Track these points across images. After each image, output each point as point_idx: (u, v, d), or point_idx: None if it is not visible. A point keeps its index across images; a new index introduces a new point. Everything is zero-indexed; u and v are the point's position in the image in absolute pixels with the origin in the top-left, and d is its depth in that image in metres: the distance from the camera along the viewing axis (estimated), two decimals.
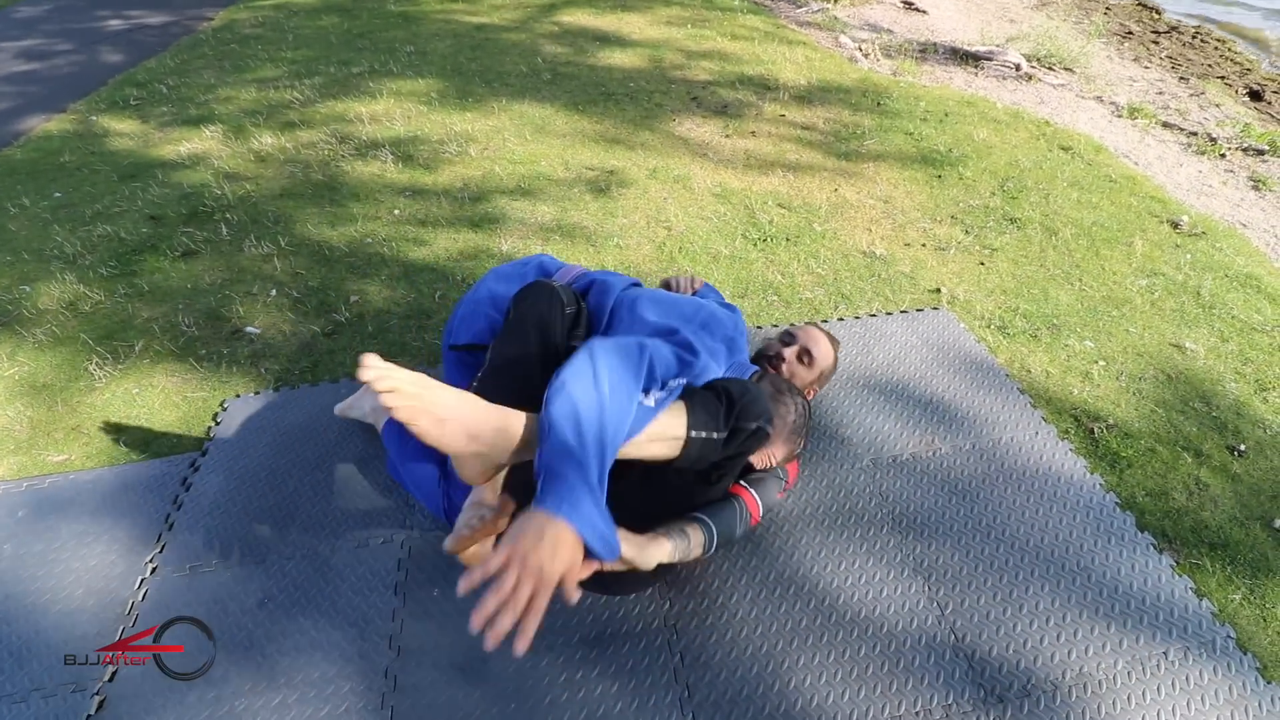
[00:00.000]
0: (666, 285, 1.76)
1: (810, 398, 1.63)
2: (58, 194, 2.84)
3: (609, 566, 1.01)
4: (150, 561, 1.45)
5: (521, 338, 1.23)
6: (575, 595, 0.84)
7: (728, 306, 1.58)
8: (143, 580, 1.42)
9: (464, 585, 0.78)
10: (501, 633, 0.76)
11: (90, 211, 2.69)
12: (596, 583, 1.15)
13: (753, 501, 1.36)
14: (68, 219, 2.65)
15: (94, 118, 3.55)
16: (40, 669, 1.28)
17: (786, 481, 1.46)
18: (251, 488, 1.60)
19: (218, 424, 1.77)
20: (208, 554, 1.46)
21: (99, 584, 1.41)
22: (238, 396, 1.86)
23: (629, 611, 1.36)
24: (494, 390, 1.08)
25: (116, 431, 1.77)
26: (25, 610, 1.37)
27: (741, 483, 1.37)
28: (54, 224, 2.62)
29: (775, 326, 2.10)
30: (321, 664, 1.28)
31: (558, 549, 0.81)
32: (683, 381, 1.11)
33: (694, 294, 1.71)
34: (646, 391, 1.02)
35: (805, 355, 1.62)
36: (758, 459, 1.37)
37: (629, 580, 1.25)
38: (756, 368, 1.49)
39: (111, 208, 2.72)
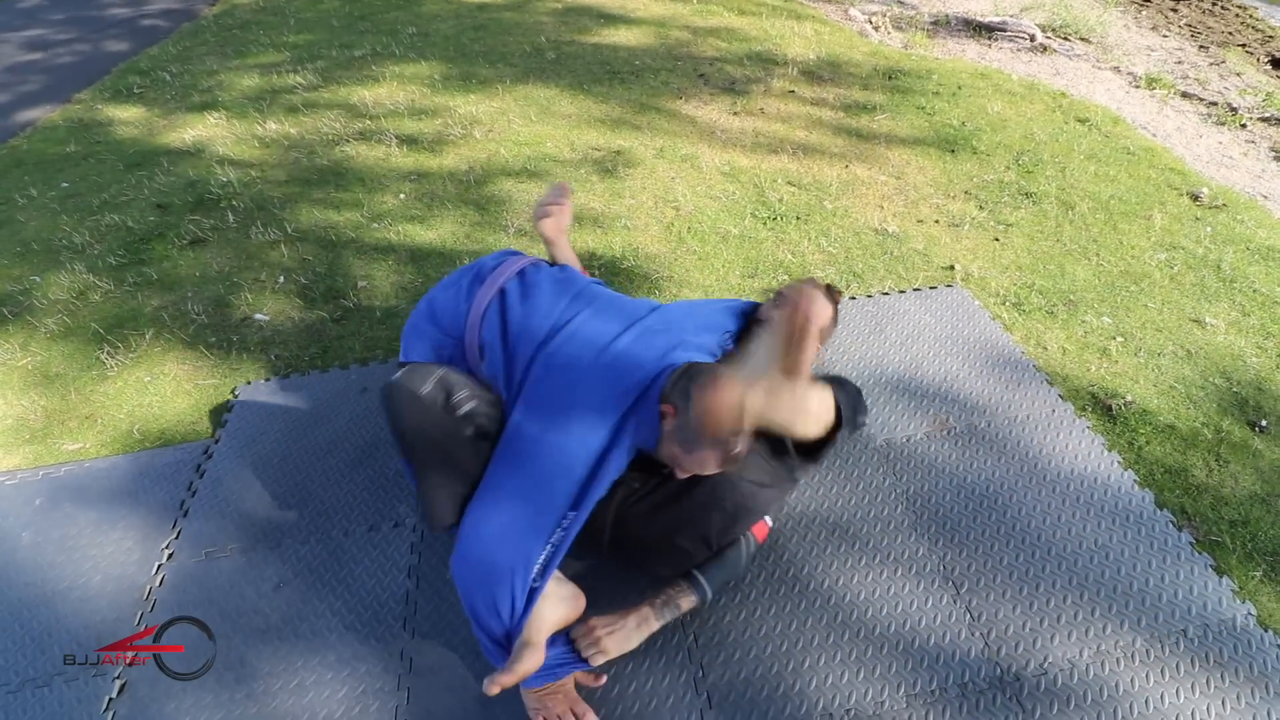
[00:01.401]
0: None
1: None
2: (65, 184, 2.84)
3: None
4: (166, 548, 1.46)
5: (423, 457, 1.21)
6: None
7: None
8: (160, 566, 1.43)
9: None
10: None
11: (97, 201, 2.69)
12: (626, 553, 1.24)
13: (761, 526, 1.32)
14: (75, 209, 2.65)
15: (98, 107, 3.54)
16: (62, 654, 1.29)
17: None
18: (265, 474, 1.61)
19: (230, 411, 1.77)
20: (224, 539, 1.47)
21: (116, 570, 1.43)
22: (249, 383, 1.86)
23: (643, 594, 1.36)
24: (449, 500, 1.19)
25: (130, 419, 1.78)
26: (45, 596, 1.39)
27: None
28: (62, 214, 2.62)
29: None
30: (338, 646, 1.29)
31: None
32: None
33: None
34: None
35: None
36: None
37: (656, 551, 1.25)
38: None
39: (118, 197, 2.71)
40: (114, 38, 4.64)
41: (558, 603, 1.15)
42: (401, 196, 2.64)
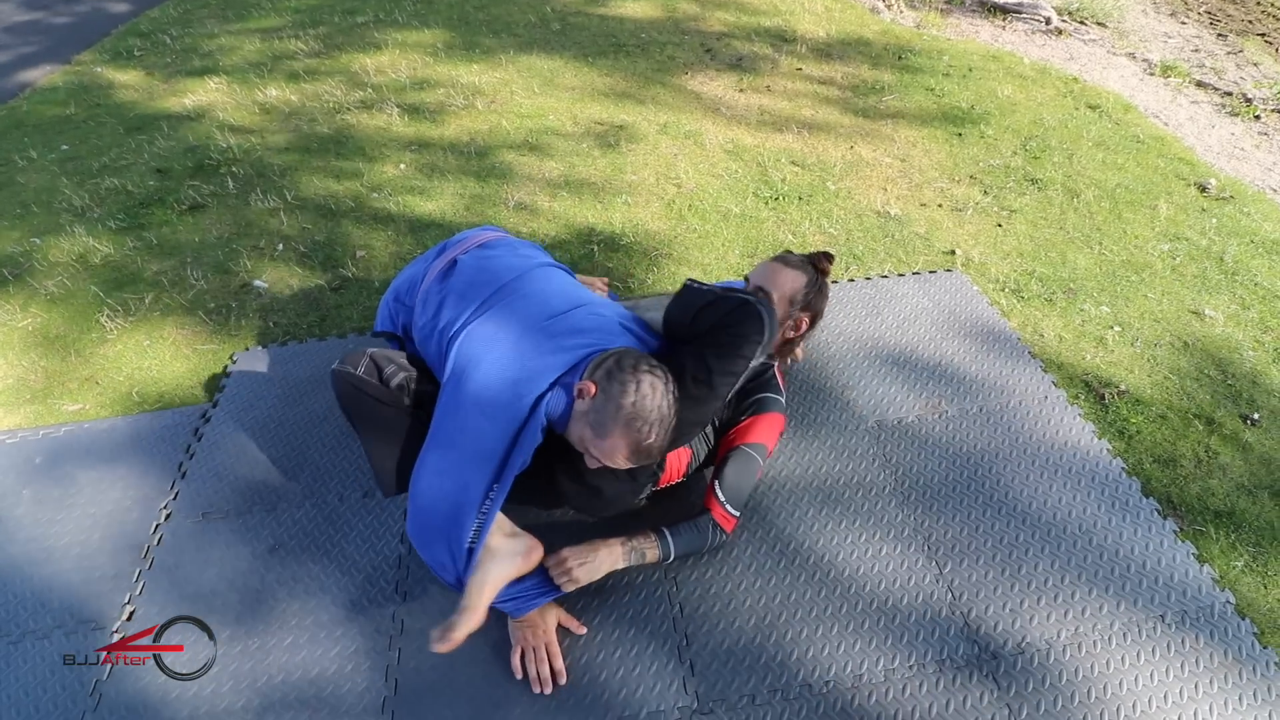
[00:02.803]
0: None
1: (801, 329, 1.48)
2: (65, 146, 2.82)
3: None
4: (164, 508, 1.49)
5: (367, 432, 1.33)
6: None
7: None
8: (158, 526, 1.46)
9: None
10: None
11: (97, 164, 2.68)
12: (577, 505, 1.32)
13: (731, 524, 1.33)
14: (75, 172, 2.64)
15: (98, 69, 3.51)
16: (61, 608, 1.32)
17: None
18: (261, 439, 1.62)
19: (228, 376, 1.79)
20: (220, 502, 1.50)
21: (115, 529, 1.45)
22: (247, 350, 1.87)
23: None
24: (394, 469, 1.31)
25: (129, 382, 1.79)
26: (46, 552, 1.41)
27: (728, 509, 1.32)
28: (62, 177, 2.61)
29: None
30: (330, 608, 1.32)
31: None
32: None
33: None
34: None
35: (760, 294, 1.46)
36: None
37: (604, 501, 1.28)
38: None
39: (118, 160, 2.70)
40: None
41: (505, 561, 1.17)
42: (402, 167, 2.63)
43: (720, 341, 1.22)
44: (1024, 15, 4.12)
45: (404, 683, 1.21)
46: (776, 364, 1.51)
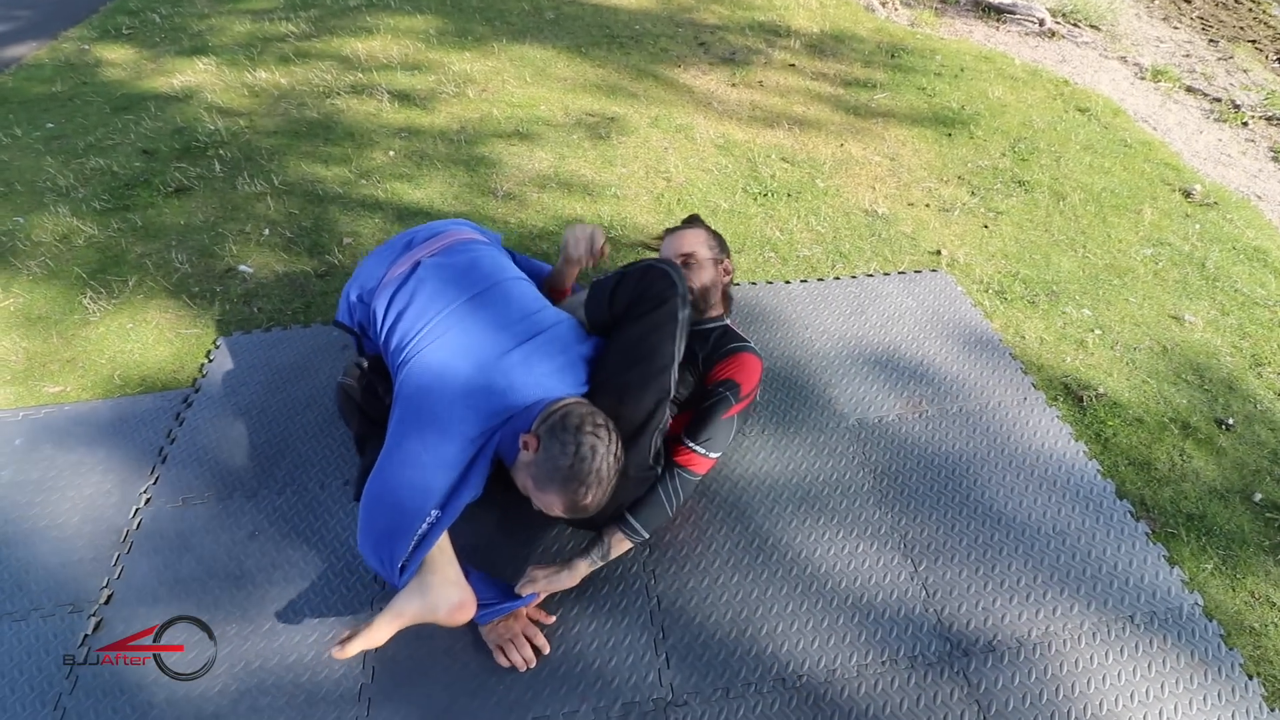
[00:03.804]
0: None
1: (731, 273, 1.61)
2: (50, 125, 2.78)
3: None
4: (144, 492, 1.48)
5: (362, 442, 1.41)
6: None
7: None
8: (137, 510, 1.45)
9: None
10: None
11: (83, 144, 2.65)
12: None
13: (699, 462, 1.33)
14: (60, 150, 2.61)
15: (85, 46, 3.45)
16: (39, 590, 1.32)
17: (735, 405, 1.37)
18: (243, 424, 1.62)
19: (210, 361, 1.78)
20: (200, 487, 1.49)
21: (94, 512, 1.45)
22: (230, 334, 1.86)
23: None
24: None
25: (111, 365, 1.78)
26: (23, 534, 1.41)
27: (686, 443, 1.32)
28: (47, 155, 2.58)
29: (770, 284, 2.09)
30: (309, 594, 1.32)
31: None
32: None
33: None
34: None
35: (684, 259, 1.54)
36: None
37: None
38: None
39: (104, 140, 2.67)
40: None
41: (427, 604, 1.15)
42: (391, 153, 2.61)
43: (642, 311, 1.25)
44: (1018, 16, 4.13)
45: (381, 670, 1.22)
46: (727, 320, 1.56)
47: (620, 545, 1.30)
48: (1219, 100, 3.54)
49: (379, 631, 1.14)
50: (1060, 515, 1.51)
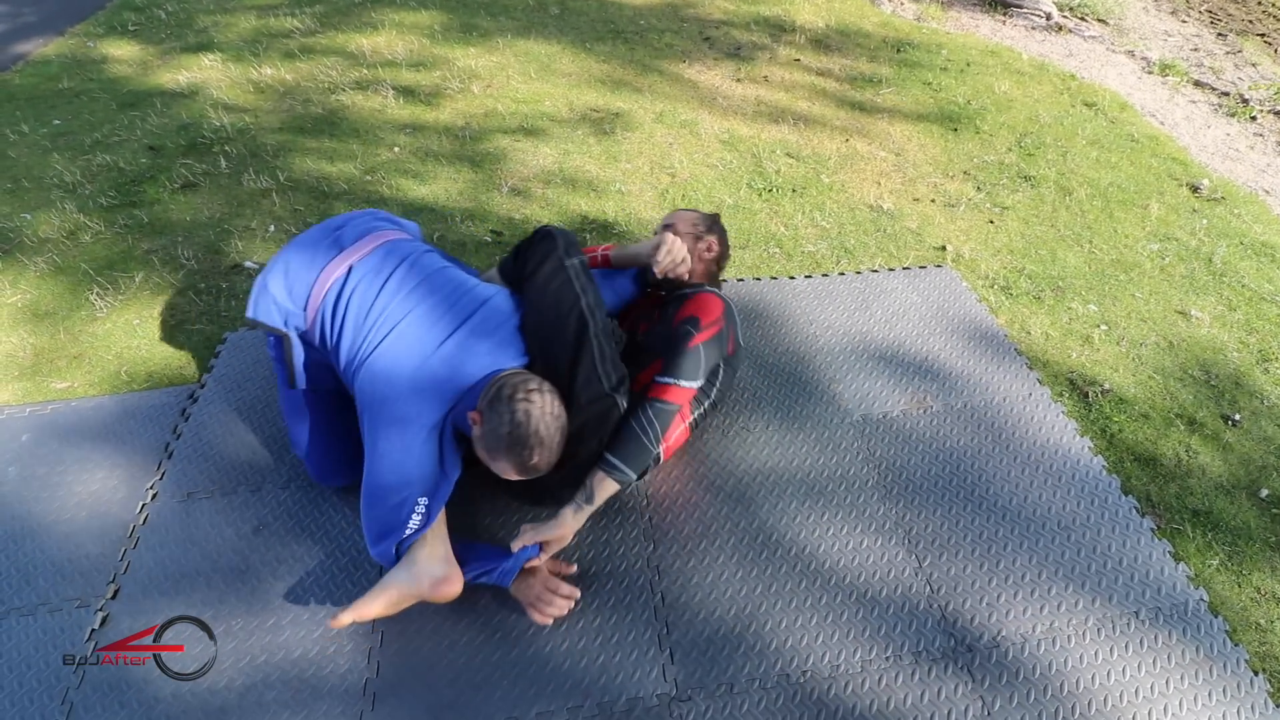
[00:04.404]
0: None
1: (713, 250, 1.66)
2: (57, 121, 2.79)
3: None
4: (150, 488, 1.49)
5: None
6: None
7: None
8: (143, 505, 1.46)
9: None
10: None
11: (89, 140, 2.66)
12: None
13: (671, 392, 1.35)
14: (67, 147, 2.62)
15: (92, 43, 3.46)
16: (47, 585, 1.33)
17: (696, 336, 1.41)
18: (248, 420, 1.63)
19: (217, 357, 1.79)
20: (206, 482, 1.50)
21: (101, 507, 1.46)
22: (236, 330, 1.87)
23: (614, 552, 1.40)
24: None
25: (118, 361, 1.79)
26: (31, 530, 1.42)
27: (657, 379, 1.36)
28: (54, 152, 2.59)
29: (774, 279, 2.08)
30: (314, 589, 1.32)
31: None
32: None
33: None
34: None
35: (666, 229, 1.65)
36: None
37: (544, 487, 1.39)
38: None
39: (111, 136, 2.68)
40: None
41: (415, 579, 1.21)
42: (396, 149, 2.61)
43: (535, 270, 1.38)
44: (1025, 10, 4.10)
45: (385, 665, 1.23)
46: (710, 289, 1.57)
47: (605, 486, 1.31)
48: (1227, 94, 3.51)
49: (369, 605, 1.18)
50: (1065, 511, 1.51)
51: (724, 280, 2.01)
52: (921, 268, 2.15)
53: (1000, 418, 1.70)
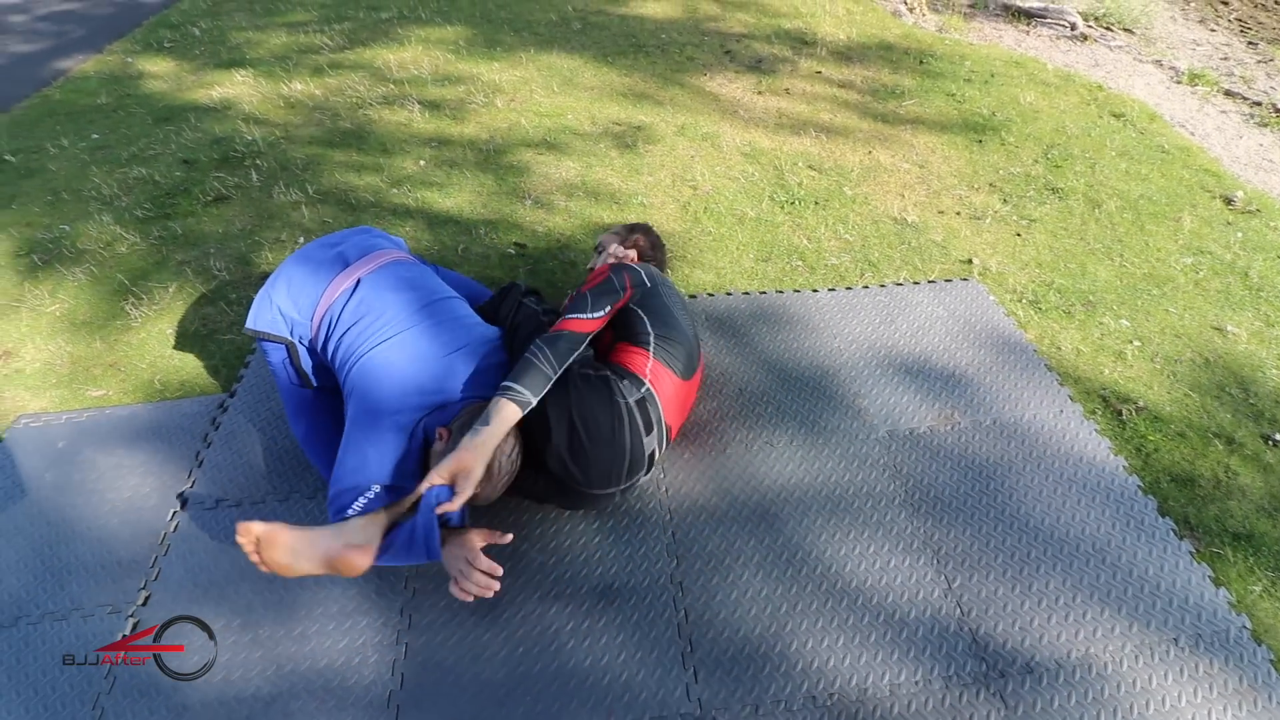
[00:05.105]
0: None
1: (640, 245, 1.80)
2: (95, 135, 2.87)
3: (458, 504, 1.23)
4: (181, 495, 1.51)
5: None
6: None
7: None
8: (174, 513, 1.48)
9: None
10: None
11: (126, 154, 2.73)
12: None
13: (564, 324, 1.39)
14: (105, 160, 2.69)
15: (129, 60, 3.57)
16: (80, 591, 1.35)
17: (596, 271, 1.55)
18: (277, 430, 1.65)
19: (246, 367, 1.82)
20: (235, 490, 1.52)
21: (133, 515, 1.48)
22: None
23: (636, 567, 1.39)
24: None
25: (151, 370, 1.83)
26: (65, 536, 1.44)
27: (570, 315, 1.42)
28: (92, 165, 2.66)
29: (797, 292, 2.07)
30: (341, 599, 1.33)
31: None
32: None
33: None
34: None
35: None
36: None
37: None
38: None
39: (146, 150, 2.75)
40: None
41: (334, 544, 1.20)
42: (421, 163, 2.65)
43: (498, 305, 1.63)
44: (1049, 20, 4.06)
45: (410, 677, 1.23)
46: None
47: (502, 408, 1.26)
48: (1259, 104, 3.43)
49: (283, 532, 1.19)
50: (1100, 532, 1.47)
51: (742, 291, 2.01)
52: (947, 281, 2.13)
53: (1031, 435, 1.67)
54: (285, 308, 1.45)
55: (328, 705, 1.19)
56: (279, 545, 1.17)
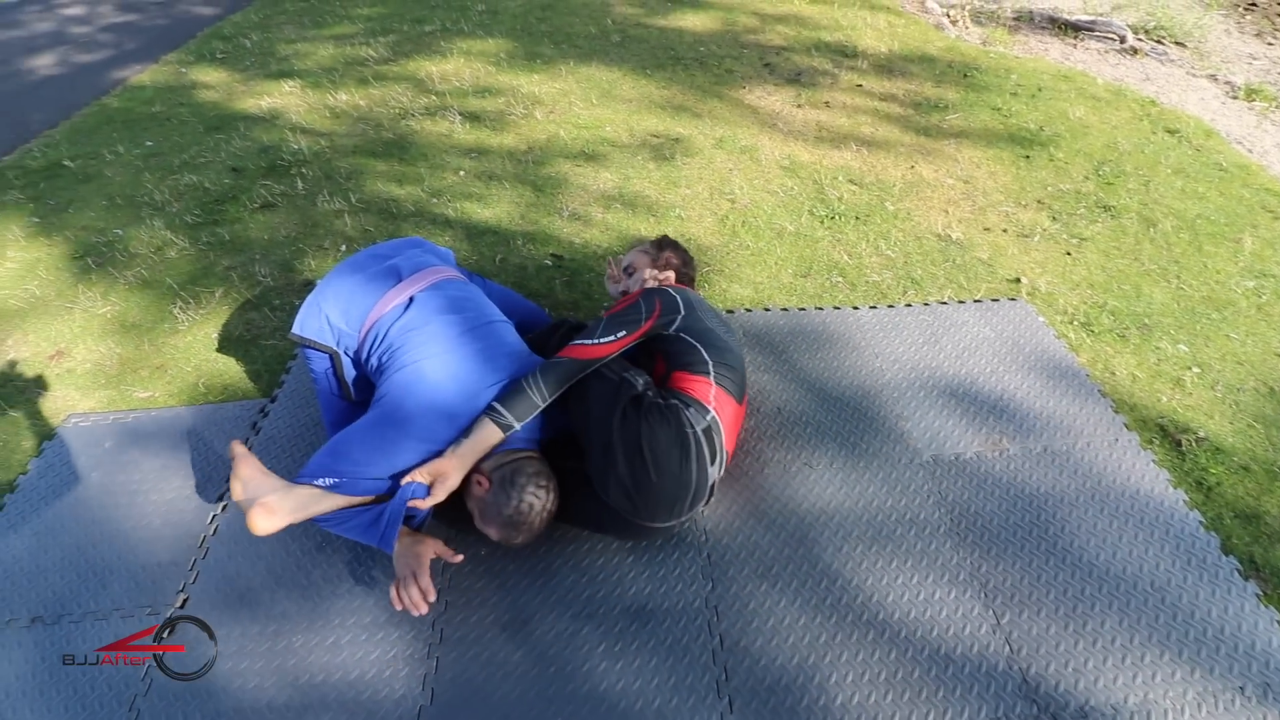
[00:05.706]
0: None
1: (672, 264, 1.75)
2: (149, 143, 2.97)
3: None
4: (222, 499, 1.53)
5: None
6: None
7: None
8: (214, 516, 1.50)
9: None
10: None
11: (178, 161, 2.81)
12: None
13: (571, 350, 1.38)
14: (157, 167, 2.78)
15: (183, 70, 3.69)
16: (121, 591, 1.37)
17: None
18: (316, 436, 1.66)
19: (288, 372, 1.84)
20: None
21: (175, 516, 1.50)
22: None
23: (671, 589, 1.36)
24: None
25: (196, 373, 1.86)
26: (109, 536, 1.47)
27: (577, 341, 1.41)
28: (145, 172, 2.75)
29: (837, 309, 2.03)
30: (374, 610, 1.33)
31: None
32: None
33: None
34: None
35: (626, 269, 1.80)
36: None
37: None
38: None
39: (197, 158, 2.83)
40: (202, 2, 4.82)
41: (270, 491, 1.29)
42: (461, 173, 2.67)
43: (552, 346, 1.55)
44: (1097, 33, 3.96)
45: (440, 693, 1.22)
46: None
47: (482, 426, 1.31)
48: None
49: (251, 465, 1.32)
50: (1159, 570, 1.40)
51: (781, 307, 1.98)
52: (994, 300, 2.06)
53: (1084, 464, 1.60)
54: (334, 317, 1.46)
55: (358, 717, 1.19)
56: (243, 471, 1.30)
